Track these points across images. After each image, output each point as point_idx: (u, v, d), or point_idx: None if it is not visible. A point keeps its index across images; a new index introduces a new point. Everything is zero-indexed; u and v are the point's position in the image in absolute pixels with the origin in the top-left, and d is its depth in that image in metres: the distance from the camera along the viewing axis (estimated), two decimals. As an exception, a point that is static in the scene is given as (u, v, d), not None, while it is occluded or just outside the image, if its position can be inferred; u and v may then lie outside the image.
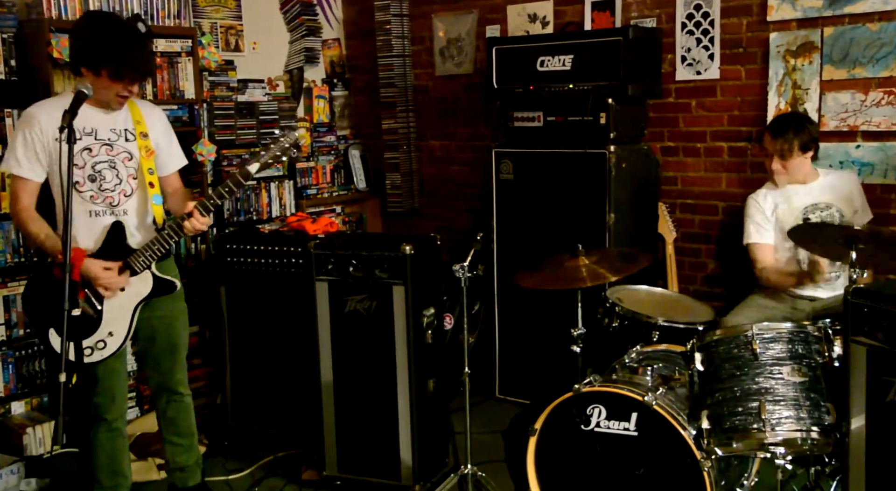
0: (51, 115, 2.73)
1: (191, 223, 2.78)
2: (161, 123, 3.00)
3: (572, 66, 4.01)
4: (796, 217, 3.49)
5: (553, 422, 2.91)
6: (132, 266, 2.84)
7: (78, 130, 2.71)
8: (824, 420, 2.55)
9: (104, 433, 2.98)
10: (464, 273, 3.10)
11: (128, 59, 2.67)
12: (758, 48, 3.93)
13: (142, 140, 2.86)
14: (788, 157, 3.44)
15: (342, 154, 5.42)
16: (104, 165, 2.83)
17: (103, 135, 2.83)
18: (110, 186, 2.84)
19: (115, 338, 2.87)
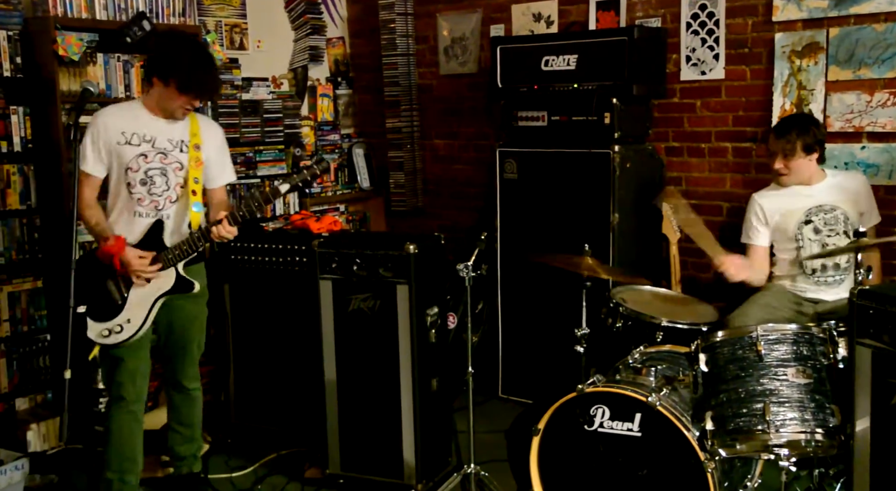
0: (114, 120, 2.95)
1: (217, 229, 2.93)
2: (216, 139, 3.14)
3: (577, 65, 4.00)
4: (798, 219, 3.47)
5: (556, 422, 2.91)
6: (162, 260, 2.97)
7: (137, 136, 2.94)
8: (829, 422, 2.55)
9: (122, 414, 3.03)
10: (468, 272, 3.11)
11: (196, 76, 2.87)
12: (763, 48, 3.92)
13: (193, 151, 3.02)
14: (791, 157, 3.42)
15: (346, 153, 5.42)
16: (156, 172, 2.98)
17: (160, 144, 2.99)
18: (158, 191, 3.00)
19: (131, 325, 2.96)
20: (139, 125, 2.95)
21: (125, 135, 2.93)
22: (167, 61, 2.88)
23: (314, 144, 5.23)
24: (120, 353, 2.99)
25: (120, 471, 3.06)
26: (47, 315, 3.92)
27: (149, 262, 2.92)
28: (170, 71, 2.85)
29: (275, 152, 4.86)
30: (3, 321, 3.79)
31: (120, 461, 3.06)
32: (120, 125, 2.93)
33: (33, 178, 3.85)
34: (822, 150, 3.46)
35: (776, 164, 3.47)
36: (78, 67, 3.82)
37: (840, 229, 3.42)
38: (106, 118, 2.96)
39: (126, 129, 2.93)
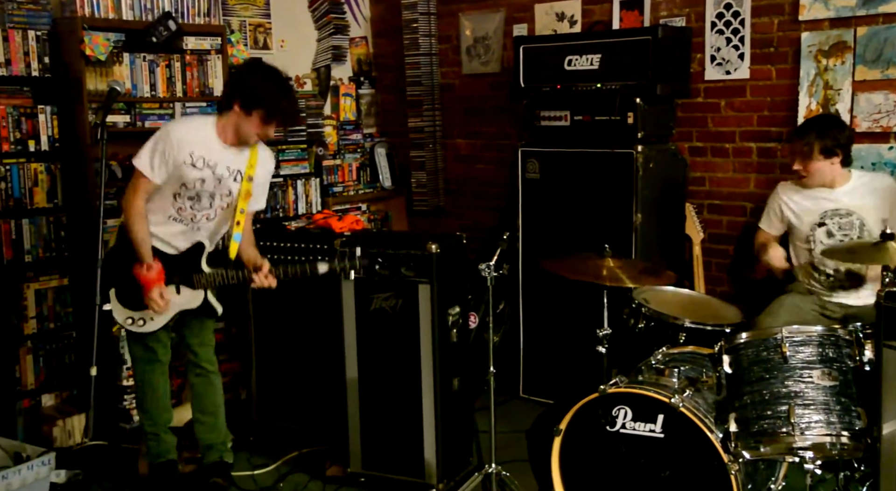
0: (187, 139, 2.99)
1: (259, 278, 3.07)
2: (266, 170, 3.22)
3: (600, 65, 3.99)
4: (813, 221, 3.46)
5: (578, 422, 2.90)
6: (195, 281, 3.11)
7: (202, 160, 3.00)
8: (855, 425, 2.52)
9: (157, 375, 3.27)
10: (489, 272, 3.10)
11: (279, 109, 2.98)
12: (789, 48, 3.89)
13: (246, 183, 3.11)
14: (808, 160, 3.39)
15: (368, 152, 5.43)
16: (206, 194, 3.08)
17: (220, 171, 3.06)
18: (200, 208, 3.10)
19: (153, 323, 3.12)
20: (207, 150, 3.01)
21: (192, 156, 2.98)
22: (253, 91, 2.94)
23: (336, 144, 5.25)
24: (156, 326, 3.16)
25: (162, 423, 3.31)
26: (73, 312, 3.97)
27: (167, 303, 3.04)
28: (255, 101, 2.93)
29: (297, 151, 4.88)
30: (30, 318, 3.84)
31: (162, 415, 3.31)
32: (190, 146, 2.98)
33: (60, 177, 3.90)
34: (845, 153, 3.40)
35: (795, 165, 3.46)
36: (104, 67, 3.87)
37: (854, 235, 3.39)
38: (180, 135, 2.99)
39: (195, 150, 2.99)
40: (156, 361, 3.24)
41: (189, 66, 4.16)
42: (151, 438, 3.31)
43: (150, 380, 3.26)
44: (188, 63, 4.15)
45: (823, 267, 3.45)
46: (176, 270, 3.09)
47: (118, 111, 3.95)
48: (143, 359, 3.23)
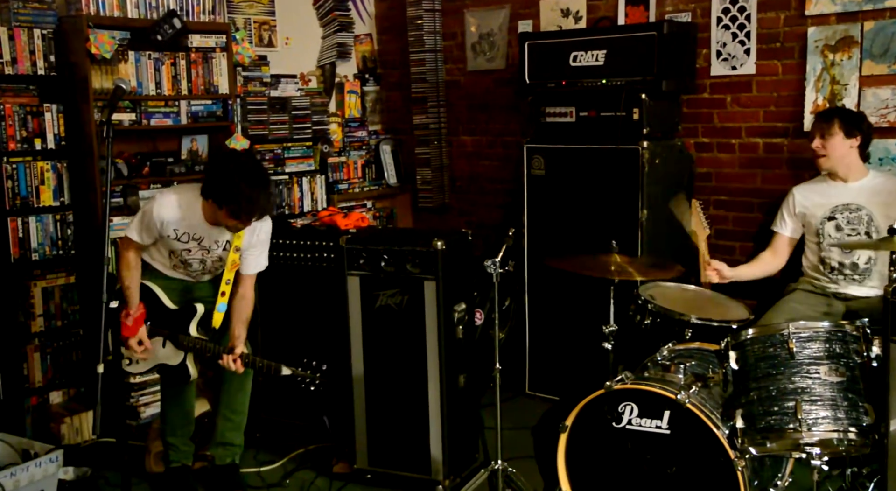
0: (171, 219, 3.10)
1: (226, 360, 3.10)
2: (260, 235, 3.23)
3: (605, 61, 3.98)
4: (823, 214, 3.48)
5: (584, 419, 2.90)
6: (179, 341, 3.19)
7: (187, 235, 3.13)
8: (862, 421, 2.51)
9: (185, 389, 3.35)
10: (495, 269, 3.10)
11: (247, 206, 2.96)
12: (795, 43, 3.87)
13: (234, 253, 3.19)
14: (828, 136, 3.40)
15: (373, 149, 5.44)
16: (195, 261, 3.23)
17: (207, 243, 3.17)
18: (192, 273, 3.28)
19: (136, 366, 3.29)
20: (192, 226, 3.10)
21: (177, 232, 3.11)
22: (221, 187, 2.96)
23: (342, 141, 5.25)
24: None
25: (183, 435, 3.38)
26: (80, 310, 3.98)
27: (143, 350, 3.14)
28: (223, 197, 2.96)
29: (302, 149, 4.89)
30: (37, 316, 3.85)
31: (182, 426, 3.38)
32: (175, 224, 3.10)
33: (66, 175, 3.91)
34: (864, 138, 3.43)
35: (814, 142, 3.46)
36: (110, 65, 3.87)
37: (862, 230, 3.40)
38: (164, 217, 3.08)
39: (179, 228, 3.10)
40: None
41: (194, 64, 4.16)
42: (171, 448, 3.38)
43: (174, 394, 3.35)
44: (193, 61, 4.16)
45: (829, 260, 3.45)
46: (167, 324, 3.21)
47: (124, 109, 3.96)
48: None
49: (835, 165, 3.46)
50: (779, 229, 3.66)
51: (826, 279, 3.49)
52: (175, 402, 3.36)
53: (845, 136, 3.39)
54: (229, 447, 3.38)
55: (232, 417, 3.37)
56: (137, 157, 4.13)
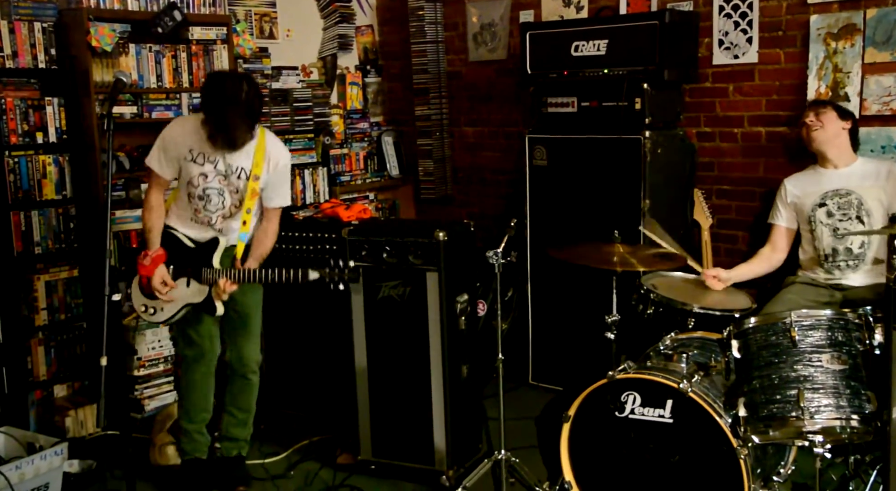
0: (184, 135, 3.06)
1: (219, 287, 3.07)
2: (278, 166, 3.16)
3: (607, 50, 3.96)
4: (814, 201, 3.50)
5: (587, 409, 2.91)
6: (202, 276, 3.11)
7: (203, 156, 3.06)
8: (865, 408, 2.51)
9: (202, 369, 3.27)
10: (497, 259, 3.10)
11: (216, 128, 2.94)
12: (798, 31, 3.86)
13: (253, 182, 3.10)
14: (822, 113, 3.47)
15: (375, 141, 5.43)
16: (213, 191, 3.11)
17: (222, 167, 3.08)
18: (212, 209, 3.14)
19: (163, 313, 3.16)
20: (206, 145, 3.03)
21: (192, 152, 3.05)
22: (203, 106, 2.98)
23: (343, 133, 5.25)
24: (200, 316, 3.19)
25: (199, 421, 3.32)
26: (83, 303, 3.99)
27: (168, 289, 3.08)
28: (206, 115, 2.97)
29: (305, 141, 4.89)
30: (40, 310, 3.86)
31: (200, 413, 3.31)
32: (189, 141, 3.04)
33: (68, 169, 3.91)
34: (854, 124, 3.48)
35: (808, 118, 3.51)
36: (110, 58, 3.87)
37: (853, 214, 3.42)
38: (177, 131, 3.07)
39: (194, 146, 3.04)
40: (200, 357, 3.24)
41: (195, 57, 4.16)
42: (184, 434, 3.33)
43: (192, 379, 3.28)
44: (194, 53, 4.15)
45: (823, 247, 3.47)
46: (190, 262, 3.12)
47: (125, 102, 3.95)
48: (188, 356, 3.26)
49: (828, 141, 3.46)
50: (775, 221, 3.66)
51: (822, 270, 3.49)
52: (193, 385, 3.29)
53: (839, 117, 3.45)
54: (234, 442, 3.39)
55: (237, 414, 3.37)
56: (139, 150, 4.12)
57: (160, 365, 4.02)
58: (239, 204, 3.14)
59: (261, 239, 3.21)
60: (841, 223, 3.43)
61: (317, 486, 3.36)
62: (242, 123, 2.97)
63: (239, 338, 3.30)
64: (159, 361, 4.02)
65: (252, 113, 3.00)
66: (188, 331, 3.23)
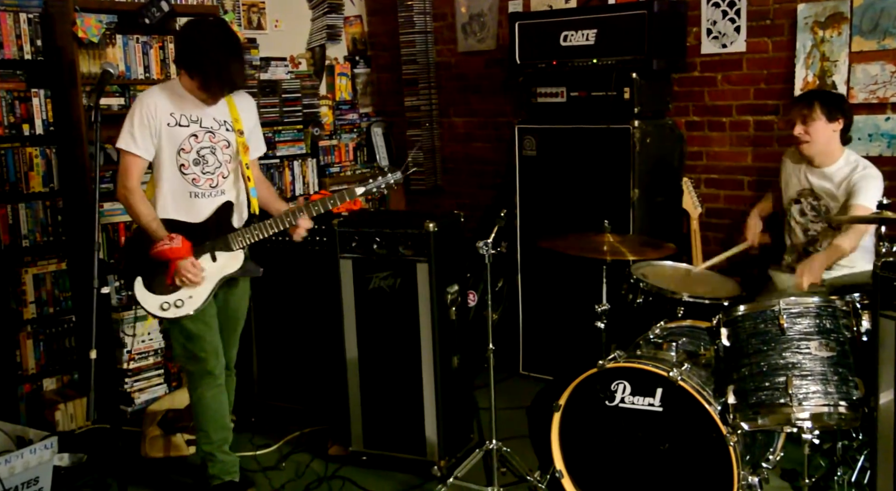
0: (162, 101, 2.91)
1: (299, 230, 3.05)
2: (251, 115, 3.11)
3: (596, 40, 3.96)
4: (792, 195, 3.51)
5: (577, 398, 2.92)
6: (231, 242, 2.98)
7: (186, 117, 2.93)
8: (852, 395, 2.53)
9: (212, 389, 3.09)
10: (487, 250, 3.10)
11: (216, 75, 2.82)
12: (785, 20, 3.86)
13: (240, 136, 3.02)
14: (810, 121, 3.30)
15: (365, 132, 5.42)
16: (206, 150, 2.97)
17: (207, 123, 2.97)
18: (211, 169, 2.98)
19: (193, 300, 2.94)
20: (185, 106, 2.92)
21: (174, 116, 2.91)
22: (191, 56, 2.83)
23: (332, 124, 5.23)
24: (200, 330, 3.00)
25: (219, 442, 3.15)
26: (72, 296, 3.97)
27: (199, 272, 2.90)
28: (193, 67, 2.83)
29: (293, 132, 4.88)
30: (29, 303, 3.84)
31: (218, 432, 3.13)
32: (168, 106, 2.90)
33: (56, 161, 3.88)
34: (846, 121, 3.33)
35: (796, 129, 3.36)
36: (97, 49, 3.85)
37: (821, 220, 3.42)
38: (155, 99, 2.90)
39: (174, 110, 2.91)
40: (206, 373, 3.05)
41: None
42: (209, 459, 3.15)
43: (203, 396, 3.08)
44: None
45: (795, 240, 3.51)
46: (205, 236, 2.95)
47: (112, 94, 3.94)
48: (194, 373, 3.07)
49: (819, 151, 3.36)
50: None
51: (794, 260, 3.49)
52: (205, 404, 3.09)
53: (828, 121, 3.29)
54: None
55: None
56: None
57: (150, 358, 4.01)
58: (231, 158, 3.01)
59: (264, 188, 3.17)
60: (812, 225, 3.44)
61: (308, 477, 3.36)
62: (240, 64, 2.90)
63: (228, 343, 3.19)
64: (149, 353, 4.01)
65: (243, 54, 2.95)
66: (188, 346, 3.02)
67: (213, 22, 2.95)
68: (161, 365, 4.04)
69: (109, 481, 3.29)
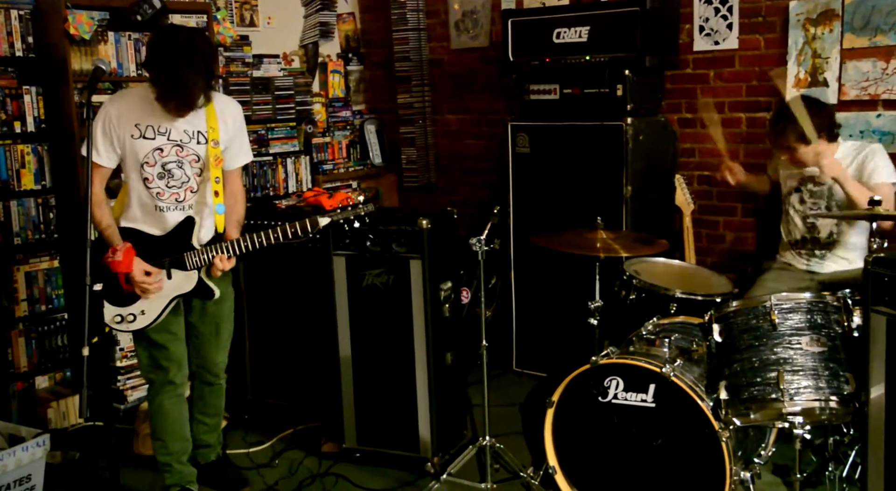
0: (126, 110, 2.79)
1: (216, 265, 2.84)
2: (234, 122, 2.95)
3: (589, 37, 3.97)
4: (791, 185, 3.53)
5: (570, 394, 2.92)
6: (186, 261, 2.87)
7: (152, 129, 2.80)
8: (843, 390, 2.54)
9: (171, 399, 3.03)
10: (480, 247, 3.10)
11: (173, 91, 2.65)
12: (777, 17, 3.88)
13: (213, 147, 2.86)
14: (793, 153, 3.31)
15: (358, 129, 5.41)
16: (173, 165, 2.85)
17: (175, 136, 2.83)
18: (177, 183, 2.87)
19: (144, 317, 2.90)
20: (154, 115, 2.78)
21: (139, 127, 2.78)
22: (150, 65, 2.68)
23: (326, 121, 5.23)
24: (164, 340, 2.96)
25: (177, 453, 3.09)
26: (64, 294, 3.96)
27: (154, 278, 2.83)
28: (152, 77, 2.68)
29: (286, 129, 4.87)
30: (20, 301, 3.83)
31: (176, 443, 3.08)
32: (133, 116, 2.77)
33: (47, 158, 3.87)
34: (829, 133, 3.31)
35: (781, 157, 3.41)
36: (89, 46, 3.83)
37: (823, 204, 3.44)
38: (118, 108, 2.79)
39: (140, 120, 2.78)
40: (167, 382, 2.99)
41: (175, 45, 4.11)
42: (165, 469, 3.07)
43: (162, 404, 3.02)
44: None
45: (795, 232, 3.52)
46: (164, 251, 2.87)
47: (104, 91, 3.92)
48: (155, 381, 3.01)
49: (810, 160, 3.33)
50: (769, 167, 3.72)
51: (794, 253, 3.52)
52: (163, 412, 3.02)
53: (805, 145, 3.27)
54: (209, 447, 3.27)
55: (207, 420, 3.22)
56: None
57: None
58: (201, 172, 2.88)
59: (231, 205, 2.97)
60: (812, 211, 3.47)
61: (301, 474, 3.36)
62: (200, 80, 2.65)
63: (209, 348, 3.10)
64: (142, 351, 4.00)
65: (209, 70, 2.69)
66: (154, 353, 2.97)
67: (184, 31, 2.80)
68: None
69: (102, 479, 3.28)
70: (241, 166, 3.05)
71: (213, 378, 3.17)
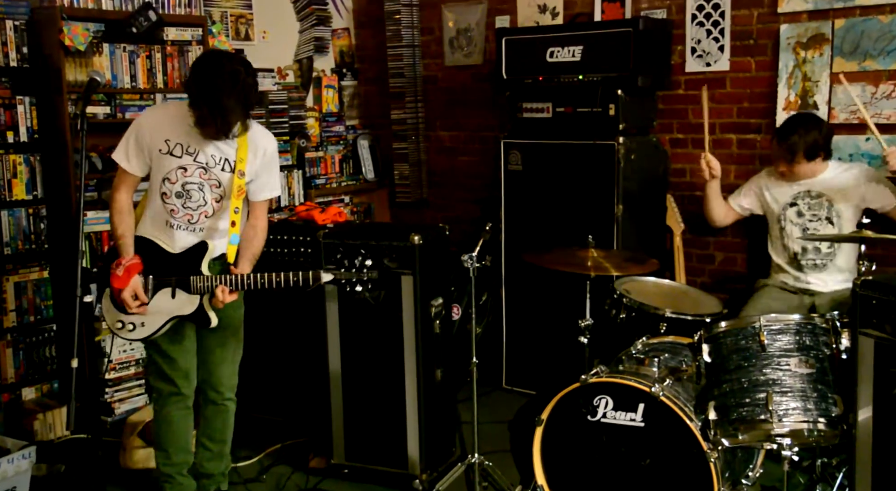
0: (160, 124, 2.82)
1: (216, 297, 2.82)
2: (265, 155, 2.92)
3: (582, 57, 4.00)
4: (786, 201, 3.59)
5: (559, 412, 2.92)
6: (191, 285, 2.85)
7: (181, 147, 2.81)
8: (831, 412, 2.55)
9: (179, 410, 3.02)
10: (472, 263, 3.11)
11: (209, 113, 2.65)
12: (768, 40, 3.92)
13: (238, 178, 2.84)
14: (793, 163, 3.50)
15: (351, 144, 5.42)
16: (194, 186, 2.84)
17: (202, 159, 2.83)
18: (193, 205, 2.87)
19: (143, 329, 2.89)
20: (183, 136, 2.78)
21: (168, 143, 2.79)
22: (192, 89, 2.68)
23: (319, 135, 5.24)
24: (173, 352, 2.95)
25: (180, 464, 3.06)
26: (53, 305, 3.94)
27: (139, 303, 2.80)
28: (192, 101, 2.70)
29: (280, 143, 4.84)
30: (9, 311, 3.81)
31: (179, 454, 3.05)
32: (165, 131, 2.79)
33: (39, 169, 3.86)
34: (826, 151, 3.49)
35: (780, 167, 3.56)
36: (84, 57, 3.83)
37: (822, 214, 3.52)
38: (153, 119, 2.83)
39: (171, 136, 2.79)
40: (174, 393, 2.98)
41: (170, 57, 4.12)
42: (166, 480, 3.04)
43: (168, 414, 2.99)
44: (169, 54, 4.12)
45: (792, 245, 3.54)
46: (174, 270, 2.86)
47: (98, 102, 3.91)
48: (162, 391, 2.99)
49: (802, 178, 3.56)
50: (734, 200, 3.80)
51: (791, 273, 3.56)
52: (169, 422, 3.00)
53: (808, 160, 3.47)
54: (210, 477, 3.17)
55: (211, 445, 3.14)
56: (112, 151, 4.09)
57: (131, 368, 3.98)
58: (220, 198, 2.87)
59: (250, 238, 2.93)
60: (811, 223, 3.52)
61: (289, 490, 3.34)
62: (238, 109, 2.68)
63: (215, 360, 3.06)
64: (130, 364, 3.97)
65: (248, 100, 2.71)
66: (161, 364, 2.96)
67: (227, 58, 2.78)
68: (142, 376, 4.01)
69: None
70: (267, 199, 3.01)
71: (216, 396, 3.09)
